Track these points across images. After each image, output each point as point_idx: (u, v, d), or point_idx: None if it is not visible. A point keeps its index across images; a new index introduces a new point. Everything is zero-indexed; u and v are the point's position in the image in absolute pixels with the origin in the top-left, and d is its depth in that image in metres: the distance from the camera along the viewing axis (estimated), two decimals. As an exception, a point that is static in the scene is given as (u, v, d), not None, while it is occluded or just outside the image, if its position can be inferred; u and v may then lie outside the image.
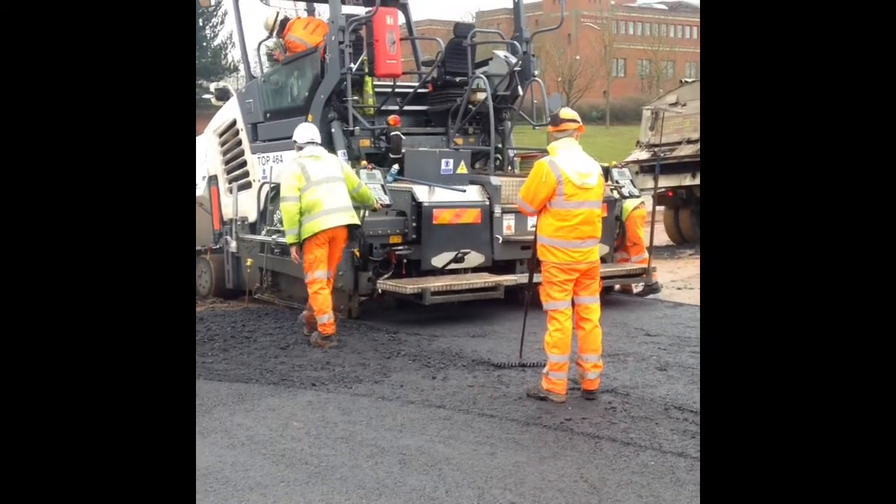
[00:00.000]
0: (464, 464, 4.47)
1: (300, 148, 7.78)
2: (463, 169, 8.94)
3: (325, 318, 7.35)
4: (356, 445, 4.78)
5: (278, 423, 5.22)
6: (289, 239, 7.53)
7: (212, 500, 4.02)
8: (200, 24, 53.18)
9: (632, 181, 10.12)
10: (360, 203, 7.87)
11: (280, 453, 4.68)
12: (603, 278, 7.51)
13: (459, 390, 5.88)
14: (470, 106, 9.63)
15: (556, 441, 4.82)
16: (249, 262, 9.38)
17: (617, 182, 9.62)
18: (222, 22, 47.16)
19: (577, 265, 5.63)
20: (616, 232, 9.80)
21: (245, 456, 4.65)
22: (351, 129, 9.08)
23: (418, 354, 6.91)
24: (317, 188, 7.43)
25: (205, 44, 53.54)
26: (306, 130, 7.92)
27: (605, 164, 9.73)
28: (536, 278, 6.04)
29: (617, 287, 9.71)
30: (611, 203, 9.43)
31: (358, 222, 7.72)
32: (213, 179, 10.96)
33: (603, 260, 9.28)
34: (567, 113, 5.94)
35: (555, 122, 5.89)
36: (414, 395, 5.78)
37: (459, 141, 9.86)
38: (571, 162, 5.65)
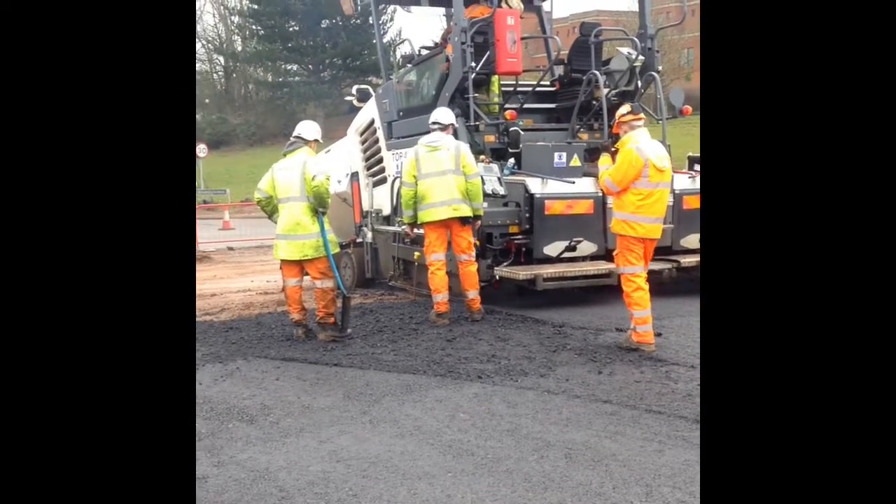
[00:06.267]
0: (631, 460, 4.41)
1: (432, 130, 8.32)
2: (576, 162, 9.31)
3: (440, 297, 8.07)
4: (522, 438, 4.80)
5: (445, 415, 5.30)
6: (404, 219, 8.48)
7: (381, 488, 4.13)
8: (370, 21, 54.59)
9: None
10: (468, 197, 8.12)
11: (447, 444, 4.76)
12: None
13: (626, 385, 5.80)
14: (594, 102, 9.86)
15: (727, 440, 4.67)
16: (416, 255, 9.58)
17: None
18: (392, 19, 48.10)
19: (650, 237, 6.71)
20: None
21: (413, 445, 4.75)
22: (474, 124, 9.42)
23: (584, 348, 6.86)
24: (426, 180, 8.08)
25: (374, 41, 54.83)
26: (433, 114, 8.46)
27: (694, 154, 9.83)
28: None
29: None
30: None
31: (466, 214, 8.05)
32: (354, 175, 11.50)
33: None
34: (636, 108, 7.06)
35: (636, 112, 6.96)
36: (580, 389, 5.75)
37: (584, 136, 10.08)
38: (651, 148, 6.68)
